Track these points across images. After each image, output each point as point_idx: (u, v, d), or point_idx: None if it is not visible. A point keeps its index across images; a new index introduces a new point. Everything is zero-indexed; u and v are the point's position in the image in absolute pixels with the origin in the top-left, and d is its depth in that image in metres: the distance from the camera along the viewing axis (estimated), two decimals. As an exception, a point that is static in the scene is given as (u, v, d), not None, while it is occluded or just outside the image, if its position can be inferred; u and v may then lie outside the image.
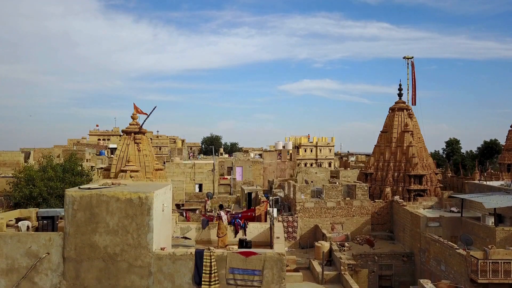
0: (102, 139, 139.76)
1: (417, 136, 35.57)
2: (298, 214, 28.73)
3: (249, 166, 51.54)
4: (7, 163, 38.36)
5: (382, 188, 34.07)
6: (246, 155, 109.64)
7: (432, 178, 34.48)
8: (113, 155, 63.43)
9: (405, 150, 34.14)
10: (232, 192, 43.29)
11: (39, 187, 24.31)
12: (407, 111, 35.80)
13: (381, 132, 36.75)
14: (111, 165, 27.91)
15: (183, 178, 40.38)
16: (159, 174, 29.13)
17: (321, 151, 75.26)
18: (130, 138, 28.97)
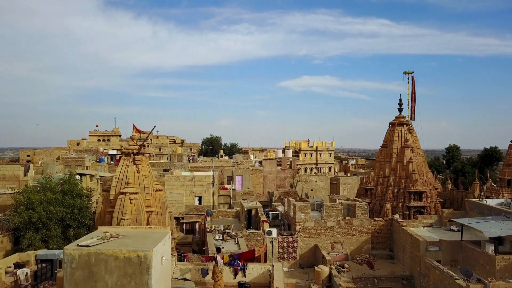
0: (102, 139, 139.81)
1: (417, 151, 35.50)
2: (298, 234, 28.72)
3: (249, 175, 51.49)
4: (6, 177, 38.25)
5: (382, 204, 34.04)
6: (246, 157, 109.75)
7: (432, 194, 34.45)
8: (113, 162, 63.42)
9: (405, 166, 34.07)
10: (232, 204, 43.27)
11: (39, 211, 24.27)
12: (407, 126, 35.71)
13: (381, 147, 36.68)
14: (111, 187, 27.99)
15: (183, 191, 40.36)
16: (158, 195, 29.19)
17: (321, 155, 75.23)
18: (129, 159, 28.97)
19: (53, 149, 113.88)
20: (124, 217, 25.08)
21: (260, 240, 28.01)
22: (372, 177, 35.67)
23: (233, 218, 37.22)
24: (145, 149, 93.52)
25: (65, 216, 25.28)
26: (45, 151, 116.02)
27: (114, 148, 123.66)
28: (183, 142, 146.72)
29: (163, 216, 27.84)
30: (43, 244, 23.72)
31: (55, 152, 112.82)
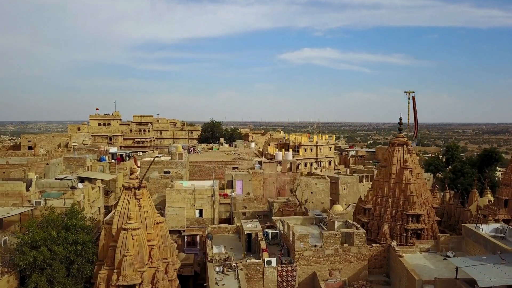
0: (102, 123, 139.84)
1: (416, 171, 35.71)
2: (297, 263, 29.35)
3: (249, 180, 51.95)
4: (9, 193, 38.65)
5: (380, 224, 34.55)
6: (247, 145, 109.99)
7: (430, 214, 34.90)
8: (114, 160, 63.75)
9: (404, 187, 34.38)
10: (232, 215, 43.83)
11: (43, 251, 24.75)
12: (407, 147, 35.78)
13: (380, 166, 36.88)
14: (113, 221, 28.46)
15: (184, 204, 40.88)
16: (159, 228, 29.70)
17: (321, 150, 75.46)
18: (130, 194, 29.29)
19: (53, 136, 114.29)
20: (126, 253, 25.70)
21: (260, 270, 28.67)
22: (370, 196, 36.04)
23: (233, 234, 37.85)
24: (146, 134, 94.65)
25: (69, 254, 25.85)
26: (47, 137, 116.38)
27: (115, 134, 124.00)
28: (183, 126, 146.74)
29: (165, 248, 28.44)
30: (48, 285, 24.38)
31: (56, 139, 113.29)
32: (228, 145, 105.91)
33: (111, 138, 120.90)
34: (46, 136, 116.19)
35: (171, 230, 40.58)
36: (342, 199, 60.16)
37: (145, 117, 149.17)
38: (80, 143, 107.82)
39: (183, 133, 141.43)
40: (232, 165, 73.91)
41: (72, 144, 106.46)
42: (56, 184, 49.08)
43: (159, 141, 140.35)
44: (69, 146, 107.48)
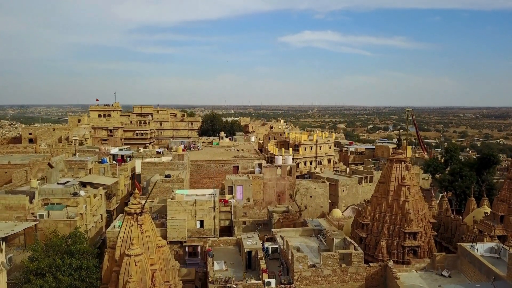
0: (102, 115, 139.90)
1: (414, 188, 36.16)
2: (295, 283, 30.08)
3: (249, 185, 52.53)
4: (13, 207, 39.24)
5: (377, 240, 35.20)
6: (247, 138, 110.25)
7: (427, 230, 35.51)
8: (115, 162, 64.22)
9: (402, 204, 34.88)
10: (233, 225, 44.48)
11: (48, 280, 25.41)
12: (405, 163, 36.15)
13: (379, 182, 37.33)
14: (116, 246, 29.11)
15: (185, 215, 41.49)
16: (162, 252, 30.36)
17: (320, 148, 75.84)
18: (133, 219, 29.85)
19: (54, 130, 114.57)
20: (129, 279, 26.41)
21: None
22: (368, 212, 36.60)
23: (234, 246, 38.59)
24: (146, 125, 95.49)
25: (73, 281, 26.55)
26: (47, 130, 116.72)
27: (115, 126, 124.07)
28: (183, 117, 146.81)
29: (167, 271, 29.15)
30: (54, 312, 25.18)
31: (57, 132, 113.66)
32: (228, 139, 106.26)
33: (112, 130, 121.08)
34: (46, 129, 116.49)
35: (173, 241, 41.46)
36: (341, 201, 60.90)
37: (145, 108, 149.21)
38: (80, 137, 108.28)
39: (183, 124, 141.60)
40: (232, 163, 74.52)
41: (73, 138, 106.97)
42: (59, 190, 49.68)
43: (160, 132, 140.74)
44: (69, 140, 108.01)
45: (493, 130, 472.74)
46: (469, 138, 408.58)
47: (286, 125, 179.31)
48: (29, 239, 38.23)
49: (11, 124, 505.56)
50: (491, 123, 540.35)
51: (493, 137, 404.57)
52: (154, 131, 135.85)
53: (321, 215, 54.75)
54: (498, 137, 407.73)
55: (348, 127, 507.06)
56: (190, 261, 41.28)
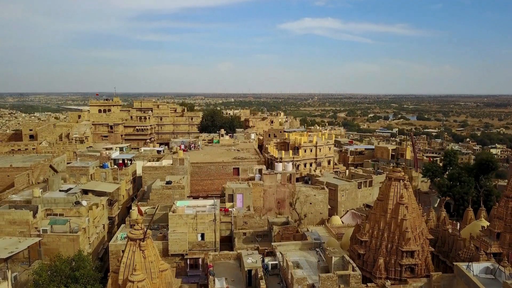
0: (102, 110, 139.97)
1: (412, 206, 36.61)
2: (295, 304, 30.75)
3: (249, 193, 53.06)
4: (17, 222, 39.79)
5: (375, 257, 35.82)
6: (247, 135, 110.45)
7: (424, 248, 36.08)
8: (116, 166, 64.65)
9: (400, 223, 35.40)
10: (233, 236, 45.07)
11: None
12: (403, 182, 36.55)
13: (377, 199, 37.79)
14: (119, 272, 29.72)
15: (186, 229, 42.06)
16: (164, 276, 31.00)
17: (320, 150, 76.17)
18: (135, 245, 30.41)
19: (55, 127, 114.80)
20: (133, 305, 27.08)
21: (259, 313, 30.09)
22: (367, 229, 37.14)
23: (234, 261, 39.25)
24: (146, 121, 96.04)
25: (78, 308, 27.24)
26: (48, 126, 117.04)
27: (116, 122, 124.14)
28: (183, 111, 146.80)
29: (169, 295, 29.86)
30: None
31: (57, 129, 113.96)
32: (228, 136, 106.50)
33: (112, 126, 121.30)
34: (47, 125, 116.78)
35: (174, 253, 42.15)
36: (340, 205, 61.52)
37: (145, 103, 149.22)
38: (81, 134, 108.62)
39: (184, 119, 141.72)
40: (232, 165, 75.04)
41: (74, 135, 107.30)
42: (61, 199, 50.23)
43: (160, 127, 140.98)
44: (70, 137, 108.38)
45: (494, 119, 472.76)
46: (469, 127, 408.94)
47: (286, 118, 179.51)
48: (33, 253, 38.90)
49: (11, 114, 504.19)
50: (491, 111, 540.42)
51: (493, 126, 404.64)
52: (154, 126, 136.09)
53: (321, 222, 55.46)
54: (498, 126, 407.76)
55: (348, 116, 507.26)
56: (192, 273, 42.02)
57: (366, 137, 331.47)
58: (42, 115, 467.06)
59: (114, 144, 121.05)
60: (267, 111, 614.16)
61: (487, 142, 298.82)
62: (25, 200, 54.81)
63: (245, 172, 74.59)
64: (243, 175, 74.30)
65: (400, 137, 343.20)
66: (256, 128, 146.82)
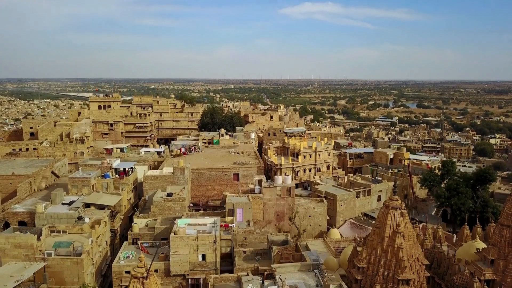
0: (102, 106, 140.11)
1: (408, 234, 37.37)
2: (293, 335, 31.80)
3: (249, 208, 53.87)
4: (21, 245, 40.60)
5: (372, 284, 36.75)
6: (247, 135, 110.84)
7: (420, 274, 36.99)
8: (117, 175, 65.29)
9: (396, 251, 36.20)
10: (234, 255, 45.97)
11: None
12: (400, 210, 37.22)
13: (375, 226, 38.51)
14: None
15: (187, 250, 42.94)
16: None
17: (320, 156, 76.78)
18: (139, 283, 31.31)
19: (55, 126, 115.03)
20: None
21: None
22: (364, 255, 37.99)
23: (235, 283, 40.24)
24: (146, 118, 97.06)
25: None
26: (48, 124, 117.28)
27: (116, 120, 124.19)
28: (183, 107, 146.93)
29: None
30: None
31: (58, 128, 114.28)
32: (228, 136, 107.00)
33: (112, 124, 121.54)
34: (47, 124, 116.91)
35: (176, 274, 43.15)
36: (339, 215, 62.45)
37: (145, 98, 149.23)
38: (82, 133, 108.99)
39: (183, 115, 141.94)
40: (232, 171, 75.77)
41: (74, 135, 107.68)
42: (64, 215, 51.14)
43: (160, 123, 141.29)
44: (71, 137, 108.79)
45: (494, 106, 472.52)
46: (469, 115, 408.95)
47: (286, 111, 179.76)
48: (39, 276, 39.82)
49: (10, 101, 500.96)
50: (492, 98, 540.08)
51: (493, 114, 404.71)
52: (154, 122, 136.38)
53: (319, 234, 56.41)
54: (498, 114, 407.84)
55: (348, 103, 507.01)
56: (193, 293, 43.08)
57: (366, 126, 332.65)
58: (41, 102, 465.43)
59: (114, 142, 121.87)
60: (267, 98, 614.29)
61: (486, 132, 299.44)
62: (28, 212, 55.86)
63: (245, 178, 75.42)
64: (243, 181, 75.26)
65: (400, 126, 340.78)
66: (256, 123, 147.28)
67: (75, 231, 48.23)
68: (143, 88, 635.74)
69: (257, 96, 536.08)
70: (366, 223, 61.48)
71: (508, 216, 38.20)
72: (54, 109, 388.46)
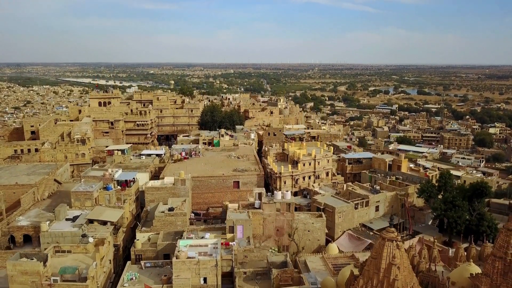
0: (102, 103, 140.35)
1: (404, 265, 38.49)
2: None
3: (249, 225, 55.07)
4: (28, 272, 41.78)
5: (368, 312, 38.10)
6: (247, 135, 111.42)
7: (414, 303, 38.29)
8: (119, 187, 66.29)
9: (391, 282, 37.39)
10: (234, 275, 47.26)
11: None
12: (396, 242, 38.22)
13: (371, 257, 39.57)
14: None
15: (189, 274, 44.16)
16: None
17: (319, 163, 77.64)
18: None
19: (56, 126, 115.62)
20: None
21: None
22: (360, 284, 39.22)
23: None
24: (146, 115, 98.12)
25: None
26: (49, 124, 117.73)
27: (116, 118, 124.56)
28: (183, 103, 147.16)
29: None
30: None
31: (59, 128, 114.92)
32: (228, 136, 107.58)
33: (113, 123, 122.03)
34: (48, 122, 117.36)
35: (178, 297, 44.43)
36: (337, 227, 63.66)
37: (145, 95, 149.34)
38: (82, 134, 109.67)
39: (183, 111, 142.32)
40: (232, 179, 76.84)
41: (75, 136, 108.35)
42: (68, 233, 52.48)
43: (160, 119, 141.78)
44: (72, 137, 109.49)
45: (494, 92, 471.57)
46: (469, 102, 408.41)
47: (286, 104, 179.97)
48: (45, 302, 41.09)
49: (9, 87, 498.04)
50: (493, 84, 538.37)
51: (494, 101, 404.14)
52: (155, 120, 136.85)
53: (318, 248, 57.72)
54: (499, 101, 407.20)
55: (348, 89, 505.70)
56: (195, 314, 44.45)
57: (366, 114, 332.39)
58: (41, 88, 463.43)
59: (115, 140, 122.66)
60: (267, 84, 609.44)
61: (486, 120, 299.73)
62: (32, 226, 57.17)
63: (245, 185, 76.56)
64: (243, 188, 76.40)
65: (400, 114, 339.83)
66: (256, 119, 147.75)
67: (80, 251, 49.47)
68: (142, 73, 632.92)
69: (257, 81, 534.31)
70: (364, 235, 62.79)
71: (501, 248, 39.27)
72: (54, 96, 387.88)
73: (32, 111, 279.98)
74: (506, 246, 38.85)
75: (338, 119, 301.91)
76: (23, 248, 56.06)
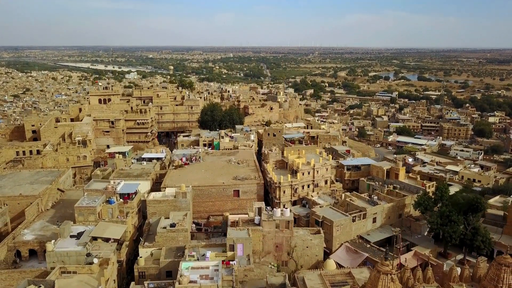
0: (102, 99, 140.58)
1: (398, 297, 40.03)
2: None
3: (249, 243, 56.44)
4: None
5: None
6: (247, 136, 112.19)
7: (407, 333, 40.00)
8: (121, 200, 67.54)
9: (386, 314, 39.01)
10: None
11: None
12: (391, 276, 39.64)
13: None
14: None
15: (192, 297, 45.76)
16: None
17: (318, 172, 78.75)
18: None
19: (57, 127, 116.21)
20: None
21: None
22: (357, 314, 40.87)
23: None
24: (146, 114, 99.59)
25: None
26: (50, 123, 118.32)
27: (117, 118, 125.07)
28: (183, 99, 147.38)
29: None
30: None
31: (60, 129, 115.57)
32: (228, 138, 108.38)
33: (113, 122, 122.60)
34: (49, 122, 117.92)
35: (181, 320, 46.12)
36: (335, 239, 65.13)
37: (145, 91, 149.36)
38: (83, 135, 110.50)
39: (183, 108, 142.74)
40: (232, 188, 78.04)
41: (76, 138, 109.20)
42: (73, 253, 53.81)
43: (160, 116, 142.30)
44: (73, 138, 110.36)
45: (495, 78, 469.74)
46: (469, 89, 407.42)
47: (286, 98, 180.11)
48: (53, 328, 42.76)
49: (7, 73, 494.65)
50: (493, 69, 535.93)
51: (494, 87, 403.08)
52: (155, 117, 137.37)
53: (316, 264, 59.36)
54: (499, 87, 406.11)
55: (348, 75, 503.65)
56: (197, 336, 46.23)
57: (366, 102, 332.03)
58: (39, 74, 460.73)
59: (115, 139, 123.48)
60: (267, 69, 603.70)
61: (486, 108, 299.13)
62: (38, 241, 58.74)
63: (245, 194, 77.90)
64: (243, 197, 77.77)
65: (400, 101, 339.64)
66: (256, 115, 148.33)
67: (85, 272, 51.00)
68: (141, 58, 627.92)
69: (256, 67, 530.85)
70: (361, 247, 64.31)
71: (492, 281, 40.81)
72: (53, 82, 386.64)
73: (31, 99, 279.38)
74: (496, 280, 40.41)
75: (337, 108, 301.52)
76: (29, 263, 57.99)
